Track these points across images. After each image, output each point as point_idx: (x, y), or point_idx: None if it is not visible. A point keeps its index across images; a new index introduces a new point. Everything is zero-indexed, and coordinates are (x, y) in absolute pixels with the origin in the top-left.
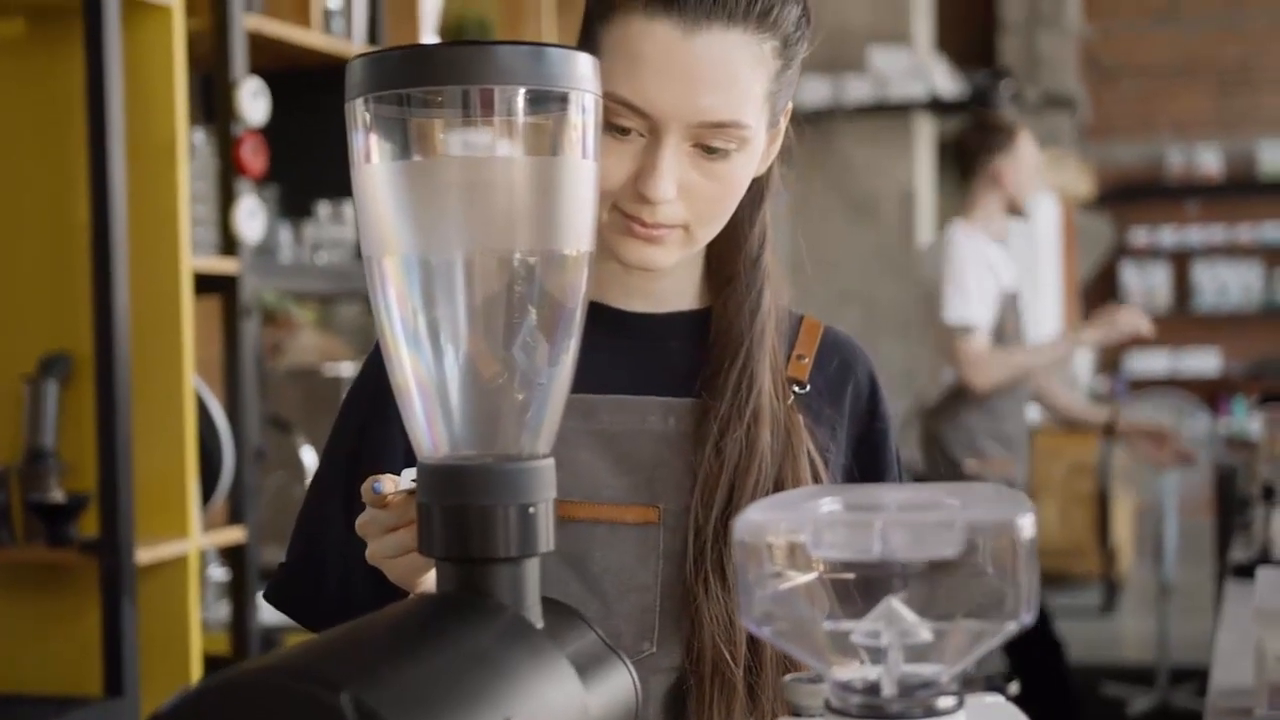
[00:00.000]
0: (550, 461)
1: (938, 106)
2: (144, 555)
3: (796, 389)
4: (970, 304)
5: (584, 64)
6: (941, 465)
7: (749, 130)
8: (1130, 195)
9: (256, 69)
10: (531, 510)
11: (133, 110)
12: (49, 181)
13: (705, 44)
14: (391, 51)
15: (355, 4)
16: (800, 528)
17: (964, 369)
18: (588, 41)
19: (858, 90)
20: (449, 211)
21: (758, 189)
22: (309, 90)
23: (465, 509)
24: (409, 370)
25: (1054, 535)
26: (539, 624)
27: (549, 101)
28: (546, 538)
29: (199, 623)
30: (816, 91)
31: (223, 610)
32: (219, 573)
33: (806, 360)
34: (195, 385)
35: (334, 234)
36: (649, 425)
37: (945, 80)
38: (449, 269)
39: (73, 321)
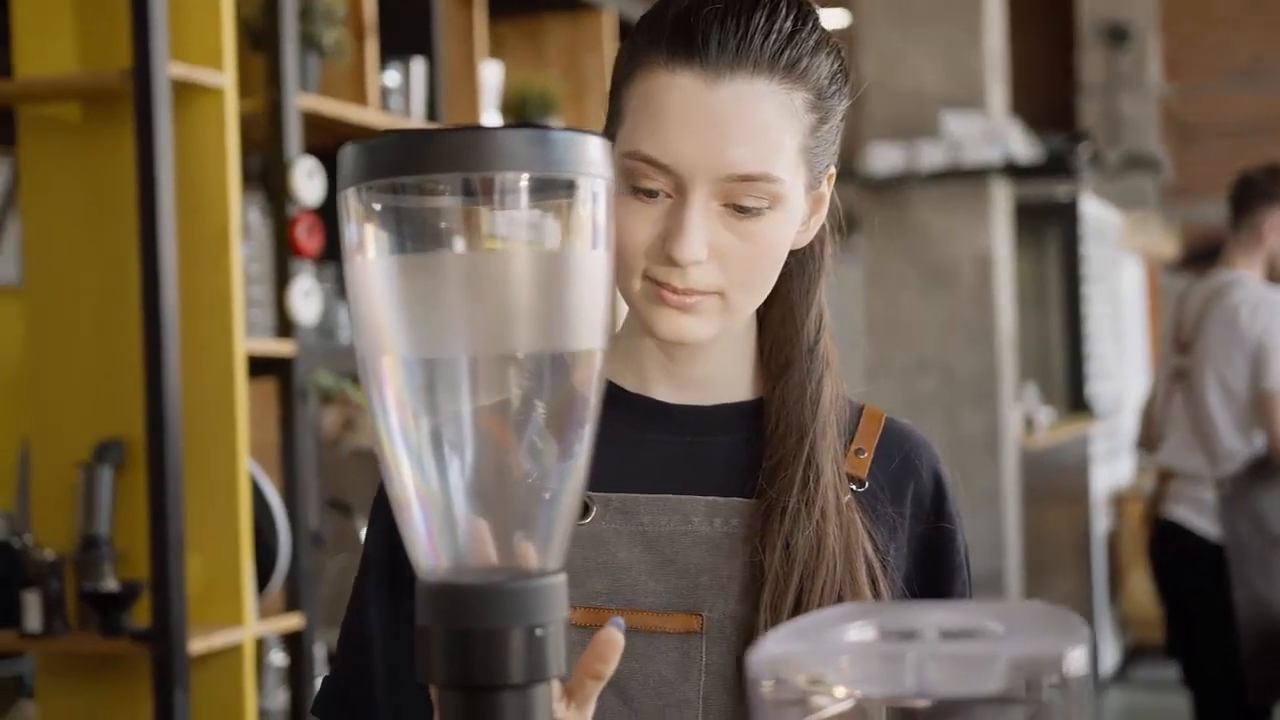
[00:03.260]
0: (562, 578)
1: (1014, 171)
2: (198, 644)
3: (854, 487)
4: None
5: (593, 147)
6: (1256, 539)
7: (781, 184)
8: (1216, 255)
9: (313, 148)
10: (539, 633)
11: (185, 192)
12: (103, 265)
13: (730, 94)
14: (386, 138)
15: (414, 81)
16: (825, 661)
17: None
18: (615, 107)
19: (932, 156)
20: (449, 308)
21: (811, 268)
22: None
23: (468, 633)
24: (407, 478)
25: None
26: None
27: (555, 188)
28: (557, 662)
29: (256, 712)
30: (890, 158)
31: (283, 698)
32: (280, 658)
33: (866, 455)
34: (250, 470)
35: None
36: (693, 527)
37: (1021, 144)
38: (450, 369)
39: (127, 407)
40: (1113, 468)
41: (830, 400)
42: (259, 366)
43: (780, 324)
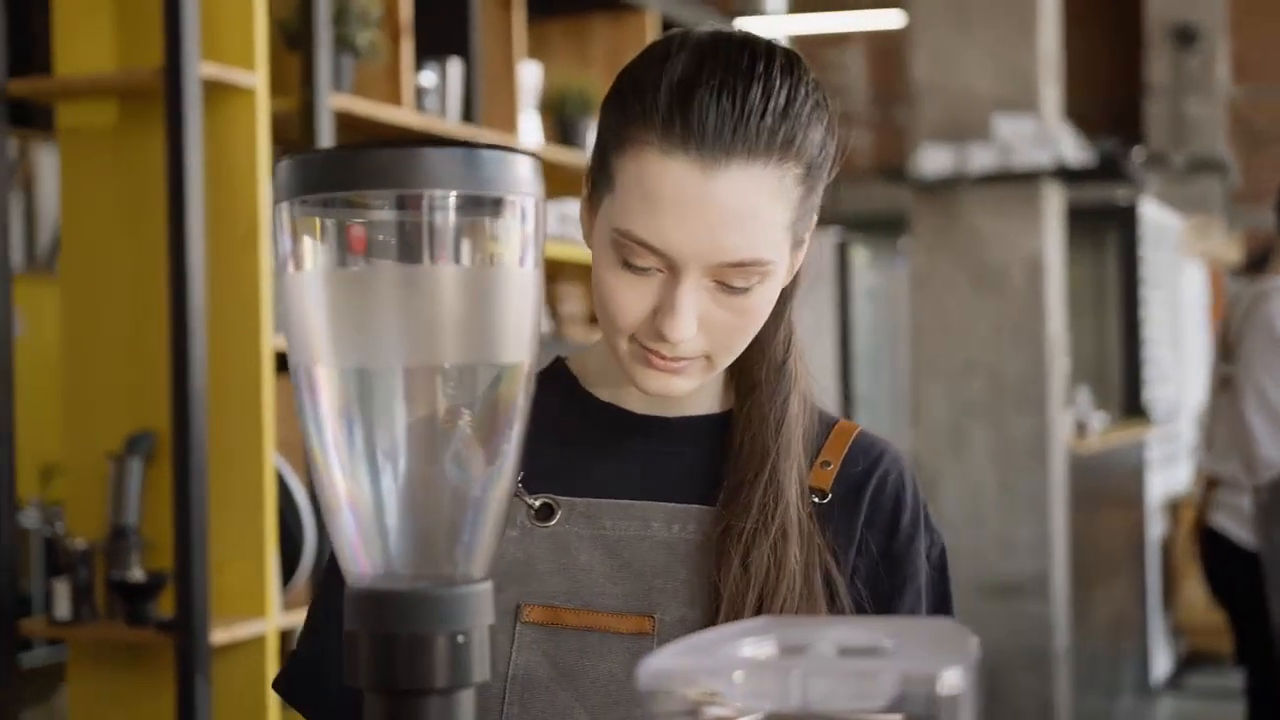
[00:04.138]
0: (487, 585)
1: (1065, 174)
2: (221, 635)
3: (816, 499)
4: None
5: (522, 166)
6: None
7: (771, 264)
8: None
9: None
10: (461, 639)
11: (215, 190)
12: (137, 261)
13: (725, 182)
14: (318, 153)
15: (450, 82)
16: (714, 675)
17: None
18: (602, 169)
19: (982, 158)
20: (379, 321)
21: (780, 296)
22: None
23: (393, 637)
24: (339, 485)
25: None
26: None
27: (484, 206)
28: (481, 667)
29: (278, 703)
30: (940, 160)
31: None
32: None
33: (832, 467)
34: (277, 464)
35: None
36: (652, 532)
37: (1073, 148)
38: (381, 379)
39: (159, 400)
40: (1169, 473)
41: (795, 418)
42: (286, 363)
43: (749, 345)
